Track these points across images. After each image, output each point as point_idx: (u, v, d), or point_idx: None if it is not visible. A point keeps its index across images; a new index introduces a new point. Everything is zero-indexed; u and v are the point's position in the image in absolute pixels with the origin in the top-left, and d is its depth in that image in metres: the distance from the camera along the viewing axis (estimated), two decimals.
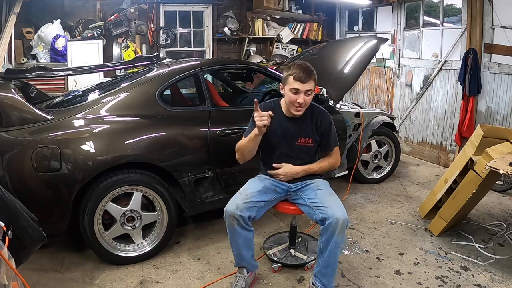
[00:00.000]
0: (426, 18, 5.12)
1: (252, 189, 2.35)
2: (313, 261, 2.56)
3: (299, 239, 2.83)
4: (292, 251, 2.69)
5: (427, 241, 3.00)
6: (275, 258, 2.64)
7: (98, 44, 4.89)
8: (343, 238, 2.20)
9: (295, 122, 2.41)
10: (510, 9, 3.93)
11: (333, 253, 2.17)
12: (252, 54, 6.26)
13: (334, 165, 2.54)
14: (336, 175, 3.73)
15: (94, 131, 2.47)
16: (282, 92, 2.39)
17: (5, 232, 1.42)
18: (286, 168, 2.40)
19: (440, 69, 4.81)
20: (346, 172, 3.84)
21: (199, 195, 2.81)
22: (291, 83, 2.27)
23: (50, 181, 2.32)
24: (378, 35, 5.57)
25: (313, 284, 2.25)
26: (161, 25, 5.55)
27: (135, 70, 3.63)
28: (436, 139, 4.99)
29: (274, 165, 2.42)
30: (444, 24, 4.85)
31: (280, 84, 2.41)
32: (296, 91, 2.26)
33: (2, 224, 1.40)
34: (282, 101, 2.44)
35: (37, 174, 2.28)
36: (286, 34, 6.33)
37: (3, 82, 2.73)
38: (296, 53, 6.28)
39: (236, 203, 2.25)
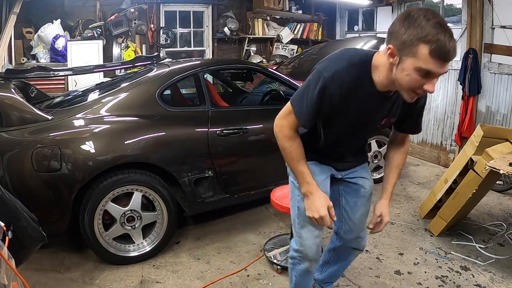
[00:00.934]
0: None
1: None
2: None
3: None
4: None
5: (427, 241, 3.00)
6: (275, 261, 2.63)
7: (98, 44, 4.91)
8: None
9: (388, 98, 1.50)
10: (510, 9, 3.93)
11: (341, 270, 2.15)
12: (252, 54, 6.27)
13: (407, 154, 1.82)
14: None
15: (94, 131, 2.48)
16: (389, 59, 1.33)
17: (5, 232, 1.42)
18: (387, 217, 1.72)
19: None
20: None
21: (199, 195, 2.81)
22: (424, 59, 1.23)
23: (50, 181, 2.32)
24: (378, 35, 5.56)
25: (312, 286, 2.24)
26: (161, 25, 5.56)
27: (135, 70, 3.63)
28: (436, 139, 4.99)
29: (370, 226, 1.74)
30: None
31: (390, 45, 1.31)
32: (428, 74, 1.27)
33: (2, 224, 1.40)
34: (376, 65, 1.42)
35: (37, 174, 2.28)
36: (286, 34, 6.33)
37: (3, 82, 2.73)
38: (296, 53, 6.29)
39: (315, 244, 1.72)
